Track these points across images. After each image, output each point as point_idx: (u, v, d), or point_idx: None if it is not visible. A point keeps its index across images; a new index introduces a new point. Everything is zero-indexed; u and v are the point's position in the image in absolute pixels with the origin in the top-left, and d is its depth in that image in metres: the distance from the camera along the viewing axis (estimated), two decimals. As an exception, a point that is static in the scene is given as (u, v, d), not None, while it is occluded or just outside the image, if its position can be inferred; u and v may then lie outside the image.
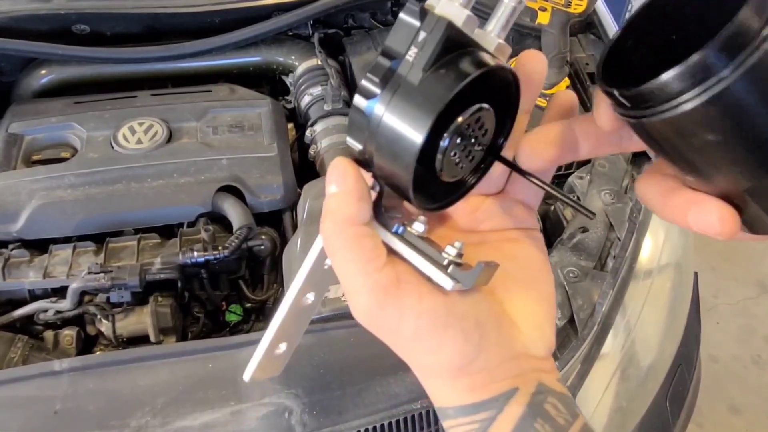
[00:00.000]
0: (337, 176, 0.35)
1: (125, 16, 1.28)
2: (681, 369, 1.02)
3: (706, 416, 1.90)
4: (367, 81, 0.34)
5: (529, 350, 0.37)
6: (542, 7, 1.16)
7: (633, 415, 0.93)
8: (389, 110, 0.33)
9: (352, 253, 0.34)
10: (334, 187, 0.35)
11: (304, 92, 1.31)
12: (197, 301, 1.06)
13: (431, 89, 0.32)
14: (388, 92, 0.33)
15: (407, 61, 0.33)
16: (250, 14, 1.32)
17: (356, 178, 0.35)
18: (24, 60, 1.29)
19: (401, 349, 0.36)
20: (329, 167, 0.36)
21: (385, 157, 0.34)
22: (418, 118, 0.32)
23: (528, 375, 0.36)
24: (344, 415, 0.78)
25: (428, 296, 0.34)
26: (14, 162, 1.11)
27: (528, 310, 0.38)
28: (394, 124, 0.33)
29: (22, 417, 0.76)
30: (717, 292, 2.27)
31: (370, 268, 0.34)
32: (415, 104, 0.32)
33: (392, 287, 0.34)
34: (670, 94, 0.28)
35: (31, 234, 1.03)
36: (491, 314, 0.36)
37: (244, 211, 1.06)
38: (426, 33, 0.32)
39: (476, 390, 0.35)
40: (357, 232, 0.35)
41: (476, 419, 0.35)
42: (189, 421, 0.76)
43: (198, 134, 1.17)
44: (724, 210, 0.31)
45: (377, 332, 0.36)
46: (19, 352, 0.92)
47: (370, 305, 0.34)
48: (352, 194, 0.35)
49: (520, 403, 0.35)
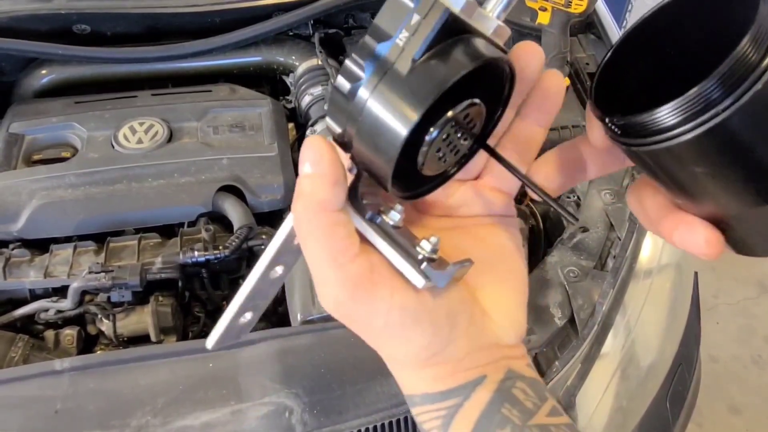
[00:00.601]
0: (312, 156, 0.32)
1: (126, 16, 1.29)
2: (681, 369, 1.02)
3: (706, 416, 1.90)
4: (352, 62, 0.31)
5: (500, 339, 0.37)
6: (542, 7, 1.16)
7: (633, 415, 0.93)
8: (374, 97, 0.30)
9: (323, 242, 0.33)
10: (308, 167, 0.32)
11: (305, 92, 1.31)
12: (198, 301, 1.06)
13: (421, 81, 0.30)
14: (374, 78, 0.30)
15: (397, 45, 0.30)
16: (250, 14, 1.32)
17: (332, 160, 0.32)
18: (24, 60, 1.29)
19: (370, 339, 0.36)
20: (303, 145, 0.33)
21: (366, 145, 0.32)
22: (404, 111, 0.30)
23: (497, 363, 0.36)
24: (344, 415, 0.78)
25: (400, 290, 0.33)
26: (15, 162, 1.11)
27: (500, 297, 0.38)
28: (378, 113, 0.30)
29: (23, 416, 0.76)
30: (717, 292, 2.27)
31: (341, 259, 0.33)
32: (401, 95, 0.30)
33: (364, 279, 0.33)
34: (664, 127, 0.28)
35: (32, 234, 1.03)
36: (463, 305, 0.36)
37: (244, 211, 1.06)
38: (420, 17, 0.29)
39: (443, 379, 0.35)
40: (330, 219, 0.32)
41: (443, 406, 0.35)
42: (189, 420, 0.76)
43: (198, 134, 1.17)
44: (711, 233, 0.32)
45: (346, 323, 0.35)
46: (19, 351, 0.92)
47: (340, 297, 0.33)
48: (327, 177, 0.32)
49: (487, 390, 0.35)
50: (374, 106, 0.31)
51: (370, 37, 0.31)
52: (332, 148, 0.33)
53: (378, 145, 0.31)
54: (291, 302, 0.94)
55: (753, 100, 0.26)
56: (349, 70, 0.31)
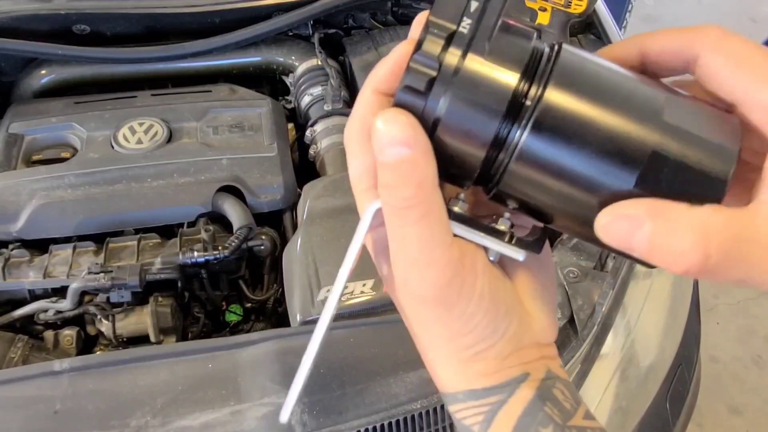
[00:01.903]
0: (403, 134, 0.30)
1: (125, 17, 1.29)
2: (681, 369, 1.02)
3: (706, 416, 1.90)
4: (421, 57, 0.30)
5: (540, 338, 0.37)
6: (542, 7, 1.16)
7: (633, 415, 0.93)
8: (462, 77, 0.30)
9: (432, 222, 0.31)
10: (406, 151, 0.30)
11: (305, 92, 1.31)
12: (197, 301, 1.06)
13: (505, 50, 0.30)
14: (450, 63, 0.30)
15: (461, 33, 0.30)
16: (250, 14, 1.32)
17: (426, 137, 0.30)
18: (24, 60, 1.29)
19: (441, 327, 0.34)
20: (382, 123, 0.30)
21: (458, 117, 0.30)
22: (498, 84, 0.30)
23: (538, 362, 0.36)
24: (344, 415, 0.78)
25: (482, 276, 0.33)
26: (14, 162, 1.11)
27: (537, 294, 0.37)
28: (475, 78, 0.30)
29: (22, 417, 0.76)
30: (717, 292, 2.27)
31: (448, 239, 0.32)
32: (490, 73, 0.30)
33: (459, 264, 0.32)
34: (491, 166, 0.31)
35: (32, 234, 1.03)
36: (515, 302, 0.36)
37: (244, 211, 1.06)
38: (478, 3, 0.30)
39: (489, 374, 0.35)
40: (435, 199, 0.31)
41: (486, 402, 0.35)
42: (189, 420, 0.76)
43: (198, 134, 1.17)
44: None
45: (424, 308, 0.34)
46: (19, 352, 0.92)
47: (439, 281, 0.32)
48: (429, 154, 0.30)
49: (530, 388, 0.35)
50: (470, 74, 0.30)
51: (433, 28, 0.30)
52: (416, 121, 0.31)
53: (477, 113, 0.30)
54: (291, 302, 0.94)
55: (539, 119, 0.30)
56: (422, 64, 0.30)
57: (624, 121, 0.29)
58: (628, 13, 2.76)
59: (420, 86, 0.30)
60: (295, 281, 0.95)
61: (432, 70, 0.30)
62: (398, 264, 0.33)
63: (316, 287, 0.92)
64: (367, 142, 0.32)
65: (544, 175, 0.30)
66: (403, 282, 0.34)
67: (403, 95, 0.30)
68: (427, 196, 0.31)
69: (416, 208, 0.31)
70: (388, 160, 0.30)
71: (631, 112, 0.30)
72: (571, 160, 0.30)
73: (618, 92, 0.30)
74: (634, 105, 0.30)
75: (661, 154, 0.29)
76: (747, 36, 0.31)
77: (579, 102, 0.30)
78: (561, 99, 0.30)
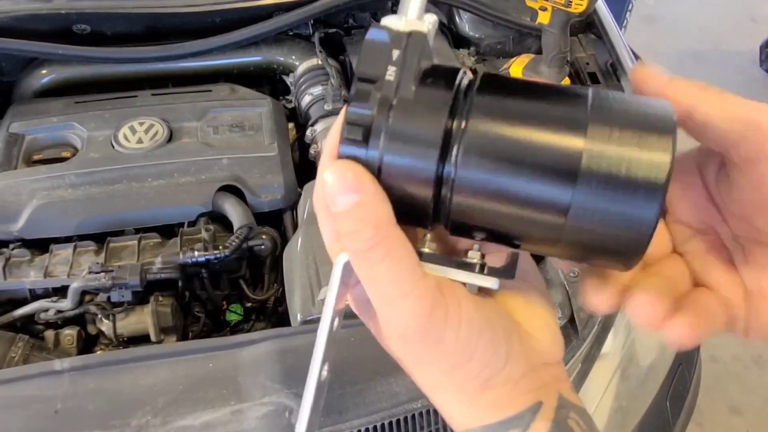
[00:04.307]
0: (352, 184, 0.31)
1: (126, 16, 1.29)
2: (681, 369, 1.02)
3: (706, 416, 1.90)
4: (355, 107, 0.31)
5: (545, 358, 0.36)
6: (543, 6, 1.16)
7: (633, 415, 0.93)
8: (393, 121, 0.31)
9: (399, 257, 0.32)
10: (352, 197, 0.31)
11: (305, 92, 1.31)
12: (198, 301, 1.06)
13: (429, 97, 0.31)
14: (382, 110, 0.31)
15: (388, 81, 0.31)
16: (250, 14, 1.32)
17: (373, 179, 0.31)
18: (25, 60, 1.29)
19: (434, 360, 0.34)
20: (328, 176, 0.32)
21: (397, 161, 0.31)
22: (427, 123, 0.31)
23: (548, 386, 0.35)
24: (345, 415, 0.78)
25: (466, 301, 0.33)
26: (15, 162, 1.11)
27: (532, 314, 0.37)
28: (404, 128, 0.31)
29: (23, 417, 0.77)
30: (717, 292, 2.27)
31: (419, 271, 0.32)
32: (418, 114, 0.31)
33: (438, 293, 0.32)
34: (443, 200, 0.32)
35: (32, 233, 1.03)
36: (512, 323, 0.35)
37: (244, 211, 1.06)
38: (399, 51, 0.31)
39: (501, 405, 0.34)
40: (398, 236, 0.32)
41: None
42: (189, 420, 0.76)
43: (198, 134, 1.17)
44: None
45: (411, 345, 0.34)
46: (19, 351, 0.92)
47: (419, 311, 0.32)
48: (378, 195, 0.31)
49: (545, 419, 0.34)
50: (400, 119, 0.31)
51: (361, 83, 0.31)
52: (361, 167, 0.32)
53: (414, 153, 0.31)
54: (291, 302, 0.94)
55: (465, 153, 0.31)
56: (354, 116, 0.31)
57: (548, 135, 0.30)
58: (628, 12, 2.76)
59: (358, 136, 0.31)
60: (296, 281, 0.95)
61: (366, 120, 0.31)
62: (377, 307, 0.33)
63: (317, 287, 0.92)
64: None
65: (486, 201, 0.31)
66: (386, 323, 0.34)
67: (345, 148, 0.32)
68: (387, 233, 0.32)
69: (379, 246, 0.31)
70: (343, 209, 0.31)
71: (552, 125, 0.30)
72: (507, 183, 0.30)
73: (538, 108, 0.31)
74: (556, 117, 0.30)
75: (592, 162, 0.29)
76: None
77: (500, 127, 0.31)
78: (483, 127, 0.31)
